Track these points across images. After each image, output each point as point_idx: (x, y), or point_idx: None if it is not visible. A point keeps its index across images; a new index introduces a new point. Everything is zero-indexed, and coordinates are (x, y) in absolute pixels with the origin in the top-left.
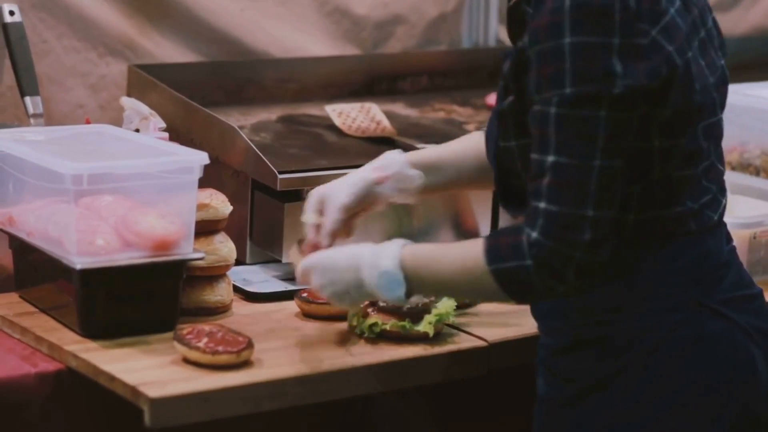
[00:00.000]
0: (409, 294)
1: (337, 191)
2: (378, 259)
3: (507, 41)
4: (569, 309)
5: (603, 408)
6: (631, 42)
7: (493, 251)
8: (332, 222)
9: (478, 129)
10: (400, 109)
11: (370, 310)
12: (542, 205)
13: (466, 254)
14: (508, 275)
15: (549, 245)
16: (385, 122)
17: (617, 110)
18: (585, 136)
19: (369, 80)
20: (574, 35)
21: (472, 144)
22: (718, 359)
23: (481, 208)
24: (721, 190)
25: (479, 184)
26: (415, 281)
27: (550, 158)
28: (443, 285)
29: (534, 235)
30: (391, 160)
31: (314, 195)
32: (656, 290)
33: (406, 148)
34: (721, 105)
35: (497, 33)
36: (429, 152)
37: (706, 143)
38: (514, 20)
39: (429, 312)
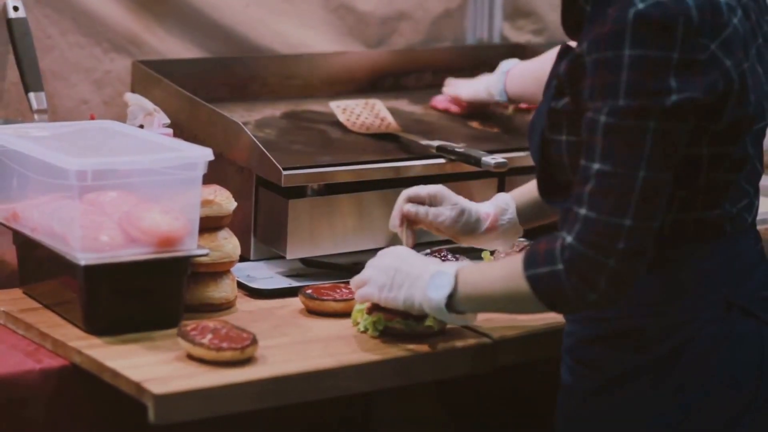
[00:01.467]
0: (450, 299)
1: (449, 207)
2: (442, 264)
3: (511, 38)
4: None
5: (628, 400)
6: (689, 57)
7: (530, 257)
8: (429, 215)
9: (480, 126)
10: (404, 105)
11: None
12: (582, 211)
13: (510, 263)
14: (541, 280)
15: (582, 250)
16: (389, 119)
17: (667, 122)
18: (632, 147)
19: (373, 77)
20: (634, 48)
21: None
22: (747, 358)
23: None
24: (756, 193)
25: None
26: (461, 285)
27: (596, 166)
28: (486, 295)
29: (569, 239)
30: (500, 211)
31: (439, 188)
32: (688, 288)
33: (410, 145)
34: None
35: (501, 30)
36: (531, 193)
37: (753, 150)
38: (568, 12)
39: None
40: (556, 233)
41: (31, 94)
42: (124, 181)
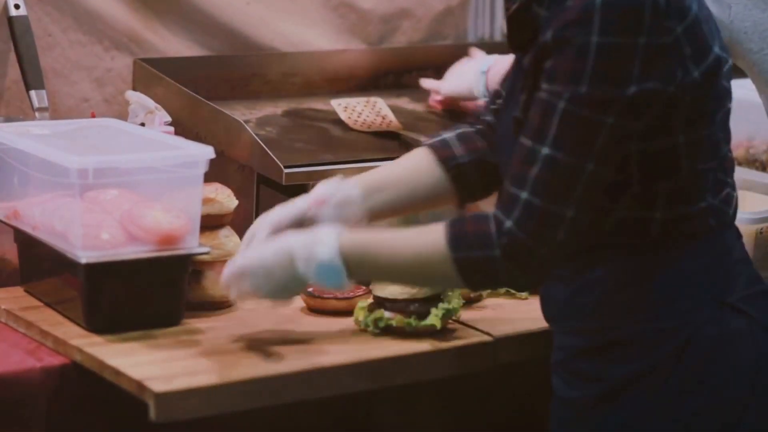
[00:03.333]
0: (349, 279)
1: (271, 218)
2: (313, 250)
3: None
4: (594, 310)
5: (629, 409)
6: (655, 42)
7: (458, 239)
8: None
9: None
10: (405, 103)
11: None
12: (524, 195)
13: (421, 241)
14: (473, 265)
15: (521, 237)
16: (391, 117)
17: (625, 115)
18: (586, 137)
19: (375, 74)
20: (602, 35)
21: (419, 160)
22: (742, 356)
23: (488, 202)
24: (733, 184)
25: (435, 200)
26: (356, 269)
27: (545, 150)
28: (391, 271)
29: (508, 224)
30: (329, 187)
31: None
32: (681, 289)
33: (412, 143)
34: (730, 94)
35: (503, 27)
36: (374, 174)
37: (722, 133)
38: (519, 25)
39: (436, 306)
40: (485, 213)
41: (32, 92)
42: (126, 179)
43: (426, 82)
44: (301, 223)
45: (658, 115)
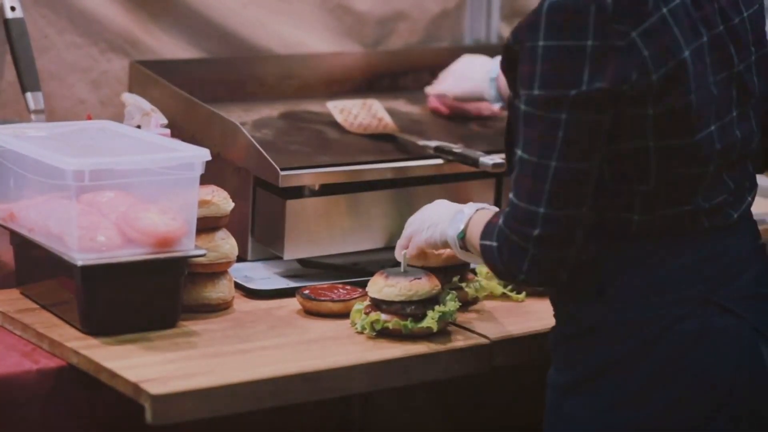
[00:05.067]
0: (462, 239)
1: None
2: (466, 206)
3: None
4: (574, 296)
5: (599, 396)
6: (605, 44)
7: (485, 227)
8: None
9: (478, 127)
10: (401, 105)
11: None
12: (510, 195)
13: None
14: (483, 251)
15: (507, 233)
16: (387, 119)
17: (578, 113)
18: (545, 137)
19: (371, 77)
20: (547, 39)
21: None
22: (721, 356)
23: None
24: (749, 188)
25: None
26: (468, 229)
27: (518, 152)
28: (475, 245)
29: (500, 220)
30: None
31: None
32: (661, 284)
33: (408, 145)
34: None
35: (499, 30)
36: None
37: (721, 144)
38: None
39: (432, 309)
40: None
41: (29, 94)
42: (122, 181)
43: (430, 89)
44: None
45: (623, 116)
